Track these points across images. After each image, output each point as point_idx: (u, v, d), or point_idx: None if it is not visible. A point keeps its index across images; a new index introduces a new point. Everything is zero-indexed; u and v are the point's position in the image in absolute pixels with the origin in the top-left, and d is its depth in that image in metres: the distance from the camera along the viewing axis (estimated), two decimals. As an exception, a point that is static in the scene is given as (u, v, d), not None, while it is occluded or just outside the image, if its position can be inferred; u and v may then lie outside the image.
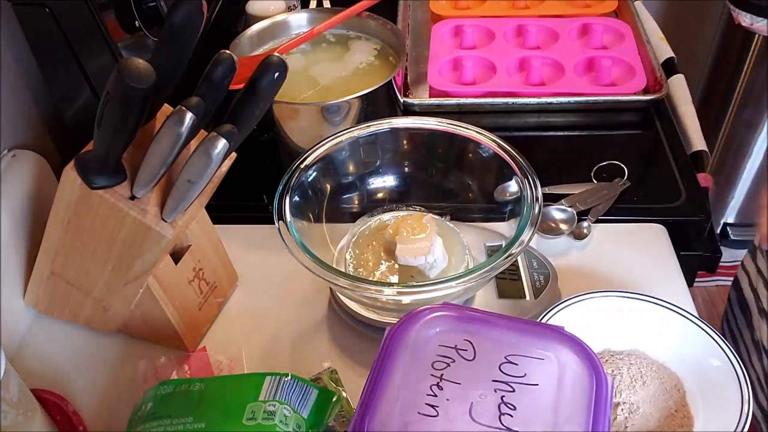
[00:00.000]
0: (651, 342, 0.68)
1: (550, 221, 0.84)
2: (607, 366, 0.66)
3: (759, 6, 1.46)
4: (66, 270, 0.70)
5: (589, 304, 0.68)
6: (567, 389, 0.50)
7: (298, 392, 0.59)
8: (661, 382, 0.66)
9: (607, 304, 0.68)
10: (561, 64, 1.06)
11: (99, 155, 0.59)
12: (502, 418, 0.48)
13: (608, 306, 0.68)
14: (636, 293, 0.69)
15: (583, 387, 0.50)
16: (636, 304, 0.68)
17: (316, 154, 0.74)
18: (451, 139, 0.77)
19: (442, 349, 0.52)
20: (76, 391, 0.72)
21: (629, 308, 0.68)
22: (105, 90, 0.52)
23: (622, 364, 0.67)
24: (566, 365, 0.51)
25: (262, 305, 0.79)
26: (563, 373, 0.51)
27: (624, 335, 0.69)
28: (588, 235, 0.83)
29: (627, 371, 0.66)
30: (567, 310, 0.67)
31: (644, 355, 0.68)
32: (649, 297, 0.68)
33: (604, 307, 0.68)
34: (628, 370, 0.66)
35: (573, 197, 0.87)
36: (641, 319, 0.68)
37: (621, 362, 0.67)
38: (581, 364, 0.51)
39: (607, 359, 0.68)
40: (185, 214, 0.63)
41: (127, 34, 0.82)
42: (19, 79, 0.83)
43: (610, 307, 0.68)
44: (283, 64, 0.58)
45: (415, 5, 1.26)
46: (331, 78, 0.91)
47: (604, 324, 0.68)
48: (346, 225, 0.79)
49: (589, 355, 0.52)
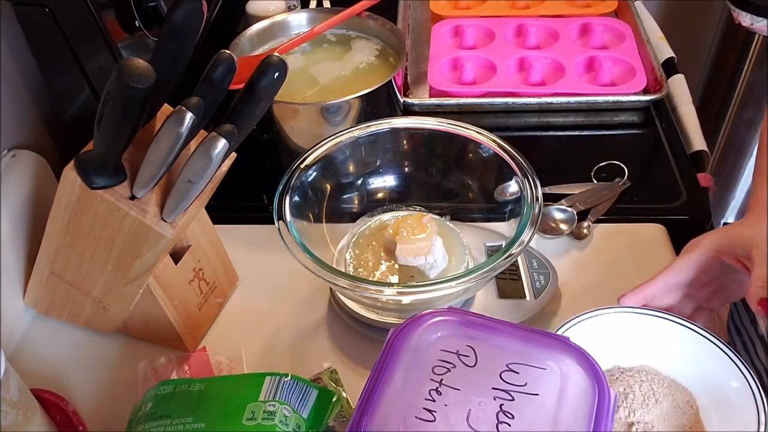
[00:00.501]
0: (660, 357, 0.66)
1: (550, 221, 0.84)
2: (618, 383, 0.64)
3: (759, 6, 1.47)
4: (66, 270, 0.70)
5: (598, 320, 0.65)
6: (568, 401, 0.49)
7: (298, 392, 0.59)
8: (674, 398, 0.63)
9: (617, 320, 0.66)
10: (561, 64, 1.06)
11: (99, 155, 0.59)
12: (500, 426, 0.47)
13: (618, 322, 0.66)
14: (647, 309, 0.66)
15: (585, 399, 0.49)
16: (646, 319, 0.66)
17: (316, 154, 0.74)
18: (451, 139, 0.77)
19: (443, 353, 0.52)
20: (76, 391, 0.72)
21: (639, 324, 0.66)
22: (105, 90, 0.52)
23: (633, 382, 0.64)
24: (569, 376, 0.50)
25: (262, 305, 0.79)
26: (565, 384, 0.50)
27: (633, 351, 0.67)
28: (588, 235, 0.83)
29: (639, 389, 0.63)
30: (577, 327, 0.64)
31: (655, 371, 0.66)
32: (661, 312, 0.66)
33: (613, 323, 0.66)
34: (640, 388, 0.63)
35: (573, 197, 0.87)
36: (651, 334, 0.66)
37: (632, 379, 0.64)
38: (584, 375, 0.50)
39: (618, 376, 0.65)
40: (185, 214, 0.63)
41: (127, 34, 0.82)
42: (19, 79, 0.83)
43: (620, 323, 0.66)
44: (283, 64, 0.58)
45: (415, 5, 1.26)
46: (330, 77, 0.91)
47: (612, 340, 0.65)
48: (346, 225, 0.79)
49: (593, 367, 0.51)
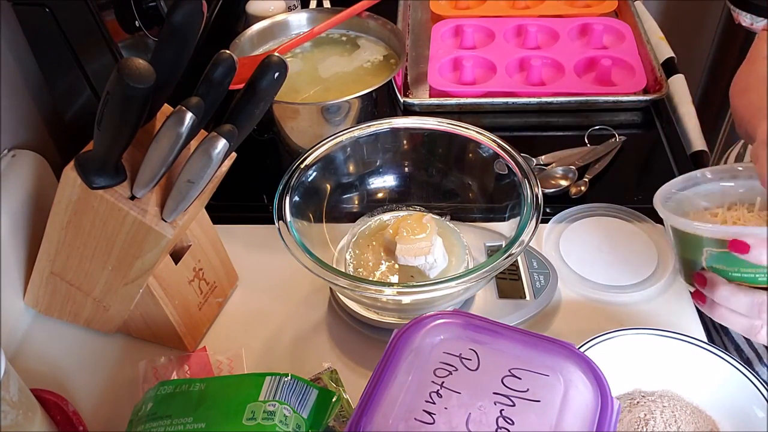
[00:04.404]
0: (683, 382, 0.65)
1: (550, 179, 0.90)
2: (639, 408, 0.63)
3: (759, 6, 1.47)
4: (66, 270, 0.70)
5: (619, 341, 0.64)
6: (570, 408, 0.48)
7: (298, 392, 0.59)
8: (696, 426, 0.62)
9: (639, 341, 0.65)
10: (561, 64, 1.06)
11: (99, 155, 0.58)
12: (500, 431, 0.47)
13: (640, 344, 0.65)
14: (671, 332, 0.65)
15: (588, 407, 0.48)
16: (670, 343, 0.65)
17: (316, 154, 0.74)
18: (451, 139, 0.77)
19: (446, 356, 0.52)
20: (76, 391, 0.72)
21: (662, 347, 0.65)
22: (105, 90, 0.51)
23: (654, 407, 0.63)
24: (572, 383, 0.50)
25: (262, 305, 0.79)
26: (568, 392, 0.49)
27: (655, 374, 0.65)
28: (584, 192, 0.88)
29: (660, 415, 0.62)
30: (598, 347, 0.63)
31: (677, 396, 0.65)
32: (685, 336, 0.65)
33: (635, 344, 0.65)
34: (662, 414, 0.62)
35: (570, 157, 0.92)
36: (674, 357, 0.65)
37: (654, 405, 0.63)
38: (588, 383, 0.50)
39: (639, 400, 0.64)
40: (185, 214, 0.63)
41: (127, 34, 0.82)
42: (19, 79, 0.83)
43: (642, 344, 0.65)
44: (283, 64, 0.58)
45: (415, 5, 1.26)
46: (331, 72, 0.91)
47: (634, 362, 0.65)
48: (346, 225, 0.79)
49: (597, 376, 0.50)
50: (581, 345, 0.63)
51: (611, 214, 0.85)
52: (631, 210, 0.85)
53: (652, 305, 0.76)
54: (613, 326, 0.67)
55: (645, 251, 0.81)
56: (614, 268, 0.79)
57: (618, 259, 0.80)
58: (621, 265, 0.80)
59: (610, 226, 0.84)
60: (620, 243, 0.82)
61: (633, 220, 0.84)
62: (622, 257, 0.81)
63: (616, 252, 0.81)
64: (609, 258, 0.81)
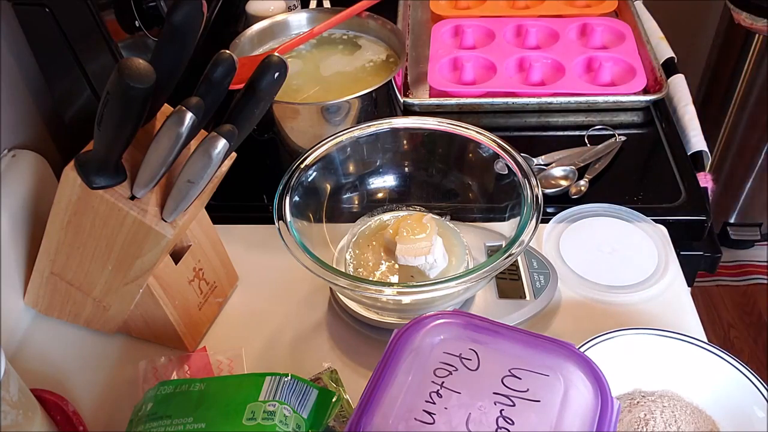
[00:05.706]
0: (683, 382, 0.65)
1: (551, 179, 0.90)
2: (639, 408, 0.63)
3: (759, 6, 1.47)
4: (66, 270, 0.70)
5: (619, 341, 0.64)
6: (570, 408, 0.48)
7: (298, 392, 0.59)
8: (696, 426, 0.62)
9: (639, 341, 0.65)
10: (561, 64, 1.06)
11: (99, 155, 0.59)
12: (500, 431, 0.47)
13: (640, 344, 0.65)
14: (671, 332, 0.65)
15: (588, 407, 0.48)
16: (670, 343, 0.65)
17: (316, 154, 0.74)
18: (451, 139, 0.77)
19: (446, 356, 0.52)
20: (76, 391, 0.72)
21: (662, 347, 0.65)
22: (105, 90, 0.51)
23: (654, 407, 0.63)
24: (572, 383, 0.50)
25: (262, 305, 0.79)
26: (568, 392, 0.49)
27: (655, 374, 0.65)
28: (584, 192, 0.88)
29: (660, 415, 0.62)
30: (598, 347, 0.63)
31: (677, 397, 0.64)
32: (685, 336, 0.65)
33: (635, 344, 0.64)
34: (662, 414, 0.62)
35: (570, 157, 0.92)
36: (674, 358, 0.65)
37: (654, 405, 0.63)
38: (588, 384, 0.50)
39: (639, 400, 0.64)
40: (185, 214, 0.63)
41: (127, 34, 0.82)
42: (19, 79, 0.83)
43: (642, 344, 0.65)
44: (283, 64, 0.58)
45: (415, 5, 1.26)
46: (332, 71, 0.92)
47: (634, 362, 0.64)
48: (346, 225, 0.79)
49: (597, 376, 0.50)
50: (581, 345, 0.63)
51: (611, 214, 0.85)
52: (631, 210, 0.85)
53: (652, 305, 0.76)
54: (613, 326, 0.67)
55: (645, 251, 0.81)
56: (614, 268, 0.79)
57: (618, 259, 0.81)
58: (621, 265, 0.80)
59: (610, 226, 0.84)
60: (620, 243, 0.82)
61: (633, 220, 0.84)
62: (622, 257, 0.81)
63: (616, 252, 0.81)
64: (609, 258, 0.81)
